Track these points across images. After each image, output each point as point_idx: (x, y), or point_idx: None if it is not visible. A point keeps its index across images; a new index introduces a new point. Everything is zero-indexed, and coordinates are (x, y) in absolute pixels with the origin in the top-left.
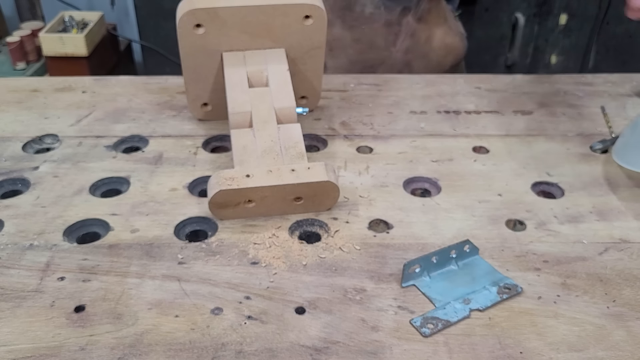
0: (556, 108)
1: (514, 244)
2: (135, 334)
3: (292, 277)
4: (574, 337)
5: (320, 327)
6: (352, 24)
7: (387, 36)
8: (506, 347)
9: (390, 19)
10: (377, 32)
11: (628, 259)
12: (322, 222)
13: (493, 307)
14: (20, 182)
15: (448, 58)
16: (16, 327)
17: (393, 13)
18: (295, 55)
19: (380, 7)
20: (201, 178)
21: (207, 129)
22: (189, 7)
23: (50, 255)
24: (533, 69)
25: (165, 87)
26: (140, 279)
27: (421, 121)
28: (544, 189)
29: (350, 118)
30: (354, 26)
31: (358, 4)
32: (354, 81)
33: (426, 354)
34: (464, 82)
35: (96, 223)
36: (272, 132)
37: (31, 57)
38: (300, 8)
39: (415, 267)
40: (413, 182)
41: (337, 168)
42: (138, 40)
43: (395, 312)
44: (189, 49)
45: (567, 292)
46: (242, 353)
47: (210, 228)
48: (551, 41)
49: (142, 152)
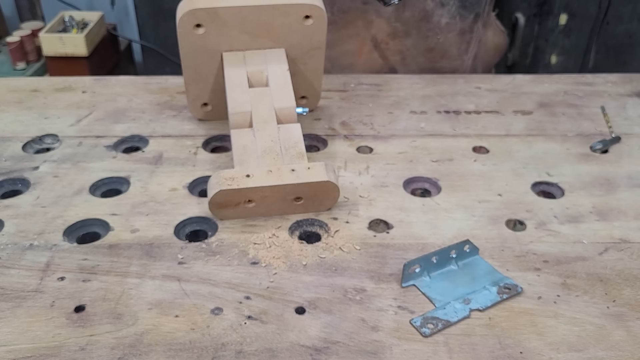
0: (556, 108)
1: (514, 244)
2: (135, 334)
3: (292, 277)
4: (574, 337)
5: (320, 327)
6: (427, 34)
7: (460, 45)
8: (506, 347)
9: (464, 27)
10: (452, 42)
11: (628, 259)
12: (322, 222)
13: (493, 307)
14: (20, 182)
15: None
16: (16, 327)
17: (467, 21)
18: (295, 55)
19: (456, 16)
20: (201, 178)
21: (207, 129)
22: (189, 7)
23: (50, 255)
24: (533, 69)
25: (165, 87)
26: (140, 279)
27: (421, 121)
28: (544, 189)
29: (350, 118)
30: (429, 36)
31: (435, 15)
32: (354, 81)
33: (426, 354)
34: (464, 82)
35: (96, 223)
36: (272, 132)
37: (31, 57)
38: (300, 8)
39: (415, 267)
40: (413, 182)
41: (337, 168)
42: (138, 40)
43: (395, 312)
44: (189, 49)
45: (567, 292)
46: (242, 353)
47: (210, 228)
48: (551, 41)
49: (142, 152)
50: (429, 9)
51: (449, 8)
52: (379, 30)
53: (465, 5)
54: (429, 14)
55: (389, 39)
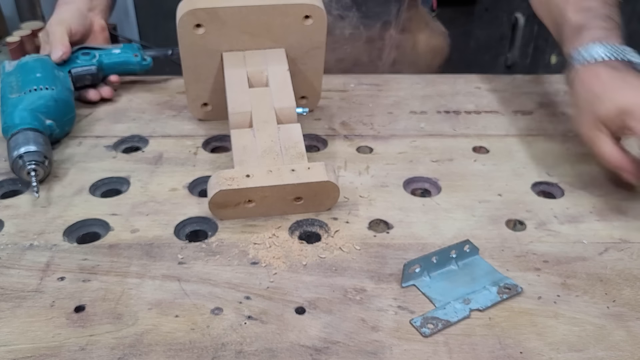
0: (556, 108)
1: (514, 244)
2: (135, 334)
3: (292, 277)
4: (574, 337)
5: (320, 327)
6: (334, 46)
7: (371, 52)
8: (506, 347)
9: (372, 36)
10: (360, 50)
11: (628, 259)
12: (322, 222)
13: (493, 307)
14: (20, 182)
15: (435, 60)
16: (16, 327)
17: (373, 29)
18: (295, 55)
19: (359, 26)
20: (201, 178)
21: (207, 129)
22: (189, 7)
23: (50, 255)
24: (533, 69)
25: (165, 87)
26: (140, 279)
27: (421, 121)
28: (544, 189)
29: (350, 118)
30: (336, 48)
31: (337, 28)
32: (354, 81)
33: (426, 354)
34: (464, 82)
35: (96, 223)
36: (272, 132)
37: None
38: (300, 8)
39: (415, 267)
40: (413, 182)
41: (337, 168)
42: (138, 40)
43: (395, 312)
44: (189, 49)
45: (567, 292)
46: (242, 353)
47: (210, 228)
48: (551, 41)
49: (142, 152)
50: (329, 23)
51: (350, 19)
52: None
53: (368, 15)
54: (330, 27)
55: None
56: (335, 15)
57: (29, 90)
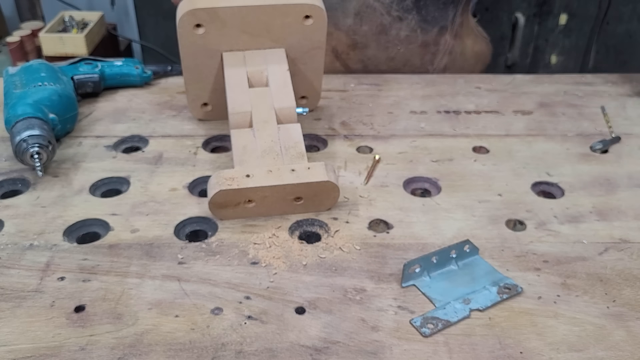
0: (556, 108)
1: (514, 244)
2: (135, 334)
3: (292, 277)
4: (574, 337)
5: (320, 327)
6: (387, 45)
7: (424, 56)
8: (506, 347)
9: (427, 40)
10: (413, 53)
11: (628, 259)
12: (322, 222)
13: (493, 307)
14: (20, 182)
15: (478, 65)
16: (16, 327)
17: (430, 34)
18: (295, 55)
19: (417, 30)
20: (201, 178)
21: (207, 129)
22: (189, 7)
23: (50, 255)
24: (533, 69)
25: (165, 87)
26: (140, 279)
27: (421, 121)
28: (544, 189)
29: (350, 118)
30: (388, 47)
31: (393, 28)
32: (354, 81)
33: (426, 354)
34: (464, 82)
35: (96, 223)
36: (272, 132)
37: (31, 57)
38: (300, 8)
39: (415, 267)
40: (413, 182)
41: (337, 168)
42: (138, 40)
43: (395, 312)
44: (189, 49)
45: (567, 292)
46: (242, 353)
47: (210, 228)
48: (551, 41)
49: (142, 152)
50: (386, 23)
51: (408, 22)
52: (338, 42)
53: (427, 20)
54: (387, 28)
55: (349, 50)
56: (395, 16)
57: (33, 86)
